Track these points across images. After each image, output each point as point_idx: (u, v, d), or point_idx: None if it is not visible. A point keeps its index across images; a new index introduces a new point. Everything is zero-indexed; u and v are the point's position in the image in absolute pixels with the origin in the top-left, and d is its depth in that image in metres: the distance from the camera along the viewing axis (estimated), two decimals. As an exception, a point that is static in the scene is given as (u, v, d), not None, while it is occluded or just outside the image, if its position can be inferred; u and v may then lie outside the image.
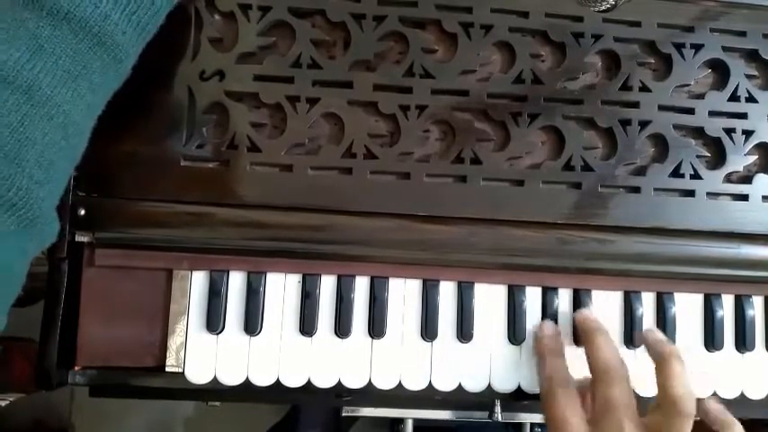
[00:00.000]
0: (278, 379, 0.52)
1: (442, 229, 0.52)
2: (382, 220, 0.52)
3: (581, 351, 0.53)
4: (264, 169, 0.52)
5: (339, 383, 0.52)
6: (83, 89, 0.39)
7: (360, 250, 0.52)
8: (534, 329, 0.54)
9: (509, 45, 0.54)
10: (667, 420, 0.47)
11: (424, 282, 0.54)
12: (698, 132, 0.55)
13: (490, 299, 0.54)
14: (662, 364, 0.49)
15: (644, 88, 0.55)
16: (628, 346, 0.55)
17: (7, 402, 0.86)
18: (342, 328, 0.53)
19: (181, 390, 0.52)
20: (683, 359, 0.49)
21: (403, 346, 0.53)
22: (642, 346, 0.54)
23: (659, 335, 0.52)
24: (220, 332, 0.52)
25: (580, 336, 0.54)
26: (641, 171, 0.55)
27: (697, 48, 0.55)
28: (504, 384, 0.54)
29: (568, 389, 0.49)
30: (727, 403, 0.55)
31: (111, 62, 0.40)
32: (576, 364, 0.52)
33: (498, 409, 0.55)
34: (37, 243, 0.39)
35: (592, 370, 0.50)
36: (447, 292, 0.54)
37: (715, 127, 0.55)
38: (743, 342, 0.56)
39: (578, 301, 0.55)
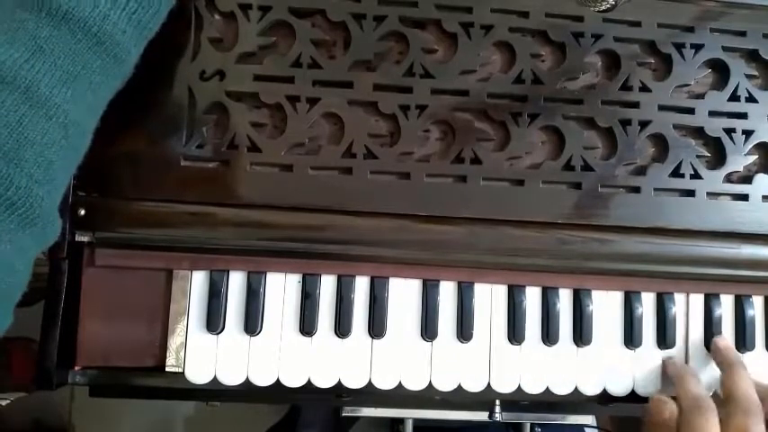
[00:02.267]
0: (278, 379, 0.52)
1: (442, 229, 0.52)
2: (382, 220, 0.52)
3: (575, 350, 0.53)
4: (264, 169, 0.52)
5: (339, 383, 0.52)
6: (83, 89, 0.39)
7: (360, 250, 0.52)
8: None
9: (509, 45, 0.54)
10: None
11: (424, 282, 0.54)
12: (698, 132, 0.55)
13: (490, 299, 0.54)
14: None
15: (644, 88, 0.55)
16: (627, 347, 0.55)
17: (7, 402, 0.86)
18: (342, 328, 0.53)
19: (181, 390, 0.52)
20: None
21: (403, 346, 0.53)
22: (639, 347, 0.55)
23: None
24: (220, 332, 0.52)
25: (719, 364, 0.54)
26: (641, 171, 0.55)
27: (697, 48, 0.55)
28: (504, 384, 0.54)
29: (714, 412, 0.49)
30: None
31: (112, 61, 0.40)
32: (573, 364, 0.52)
33: (498, 409, 0.55)
34: (39, 241, 0.39)
35: (730, 399, 0.50)
36: (447, 292, 0.54)
37: (715, 127, 0.55)
38: (743, 342, 0.56)
39: (578, 301, 0.55)
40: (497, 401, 0.55)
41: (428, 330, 0.53)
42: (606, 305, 0.55)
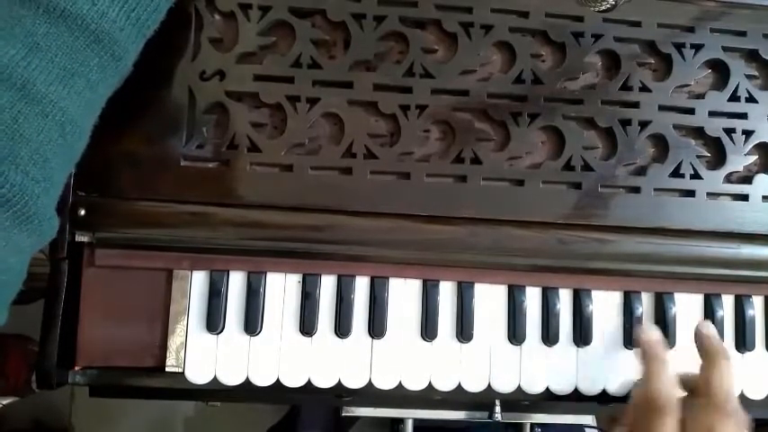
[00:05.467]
0: (278, 379, 0.52)
1: (442, 229, 0.52)
2: (382, 220, 0.52)
3: (575, 349, 0.53)
4: (264, 169, 0.52)
5: (339, 383, 0.52)
6: (80, 86, 0.39)
7: (360, 250, 0.52)
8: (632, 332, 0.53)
9: (509, 45, 0.54)
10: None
11: (424, 282, 0.54)
12: (698, 132, 0.55)
13: (490, 299, 0.54)
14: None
15: (644, 88, 0.55)
16: (627, 347, 0.55)
17: (1, 406, 0.86)
18: (342, 328, 0.53)
19: (181, 390, 0.52)
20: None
21: (403, 346, 0.53)
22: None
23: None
24: (220, 332, 0.52)
25: (701, 353, 0.51)
26: (641, 171, 0.55)
27: (697, 48, 0.55)
28: (504, 384, 0.54)
29: (673, 414, 0.46)
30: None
31: (110, 59, 0.40)
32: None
33: (498, 409, 0.55)
34: (35, 239, 0.39)
35: (707, 392, 0.47)
36: (447, 292, 0.54)
37: (715, 127, 0.55)
38: (743, 342, 0.56)
39: (578, 301, 0.55)
40: (497, 401, 0.55)
41: (428, 330, 0.53)
42: (606, 305, 0.55)
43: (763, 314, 0.57)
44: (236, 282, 0.53)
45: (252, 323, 0.52)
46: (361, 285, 0.53)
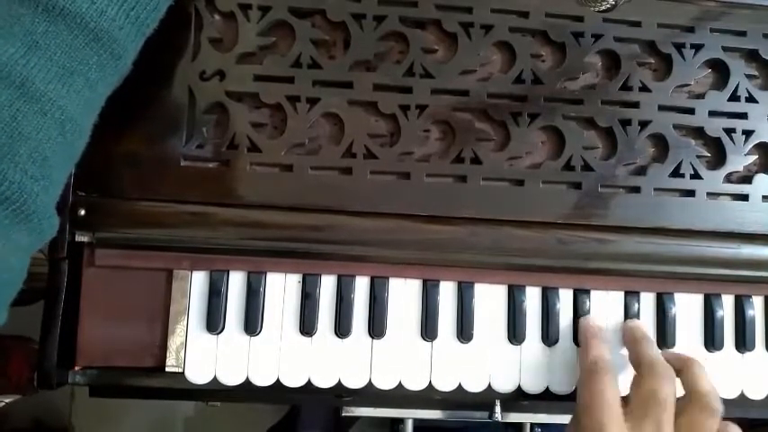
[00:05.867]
0: (278, 379, 0.52)
1: (442, 229, 0.52)
2: (382, 220, 0.52)
3: (575, 349, 0.53)
4: (264, 169, 0.52)
5: (339, 383, 0.52)
6: (79, 85, 0.39)
7: (360, 250, 0.52)
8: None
9: (509, 45, 0.54)
10: (698, 417, 0.47)
11: (424, 282, 0.54)
12: (698, 132, 0.55)
13: (490, 299, 0.54)
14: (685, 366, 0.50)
15: (644, 88, 0.55)
16: (628, 346, 0.55)
17: (2, 404, 0.86)
18: (342, 328, 0.53)
19: (181, 390, 0.52)
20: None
21: (403, 346, 0.53)
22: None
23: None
24: (220, 332, 0.52)
25: (625, 341, 0.54)
26: (641, 171, 0.55)
27: (697, 48, 0.55)
28: (504, 384, 0.54)
29: (611, 373, 0.49)
30: (728, 403, 0.55)
31: (109, 58, 0.40)
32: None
33: (498, 409, 0.55)
34: (35, 238, 0.39)
35: (638, 365, 0.50)
36: (447, 292, 0.54)
37: (715, 127, 0.55)
38: (743, 342, 0.56)
39: (578, 301, 0.55)
40: (497, 401, 0.55)
41: (428, 330, 0.53)
42: (606, 305, 0.55)
43: (763, 314, 0.57)
44: (236, 282, 0.53)
45: (252, 323, 0.52)
46: (361, 285, 0.53)
